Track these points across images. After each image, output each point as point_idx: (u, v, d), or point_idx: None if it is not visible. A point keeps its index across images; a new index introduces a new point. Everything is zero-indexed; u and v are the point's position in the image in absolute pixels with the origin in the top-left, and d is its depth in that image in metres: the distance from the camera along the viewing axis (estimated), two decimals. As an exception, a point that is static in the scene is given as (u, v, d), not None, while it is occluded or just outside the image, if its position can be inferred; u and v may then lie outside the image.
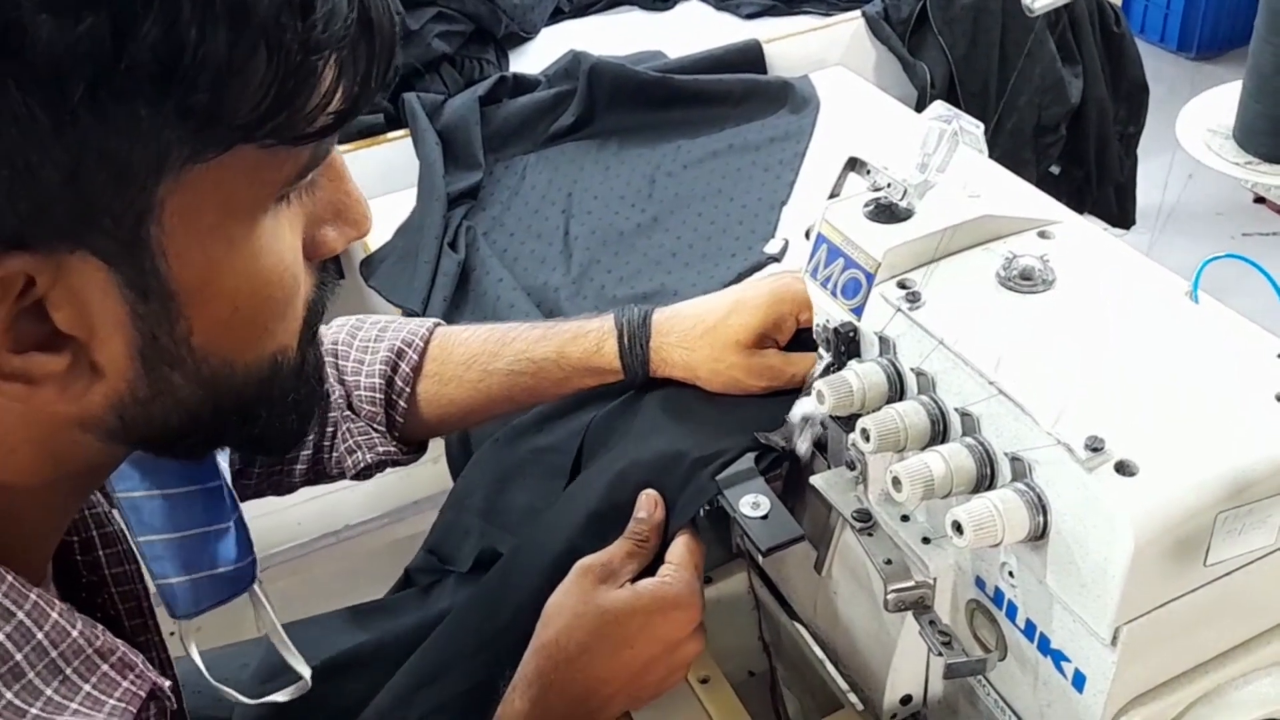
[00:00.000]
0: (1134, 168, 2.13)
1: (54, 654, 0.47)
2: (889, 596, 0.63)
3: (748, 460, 0.76)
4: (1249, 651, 0.59)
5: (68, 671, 0.47)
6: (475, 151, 1.50)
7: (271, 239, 0.46)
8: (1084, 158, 2.02)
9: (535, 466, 0.92)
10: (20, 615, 0.46)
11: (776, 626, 0.86)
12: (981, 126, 0.65)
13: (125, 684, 0.49)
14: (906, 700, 0.73)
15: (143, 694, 0.49)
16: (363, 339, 0.88)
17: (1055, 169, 2.02)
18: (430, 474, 1.41)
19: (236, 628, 0.85)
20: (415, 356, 0.87)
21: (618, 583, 0.72)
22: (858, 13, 1.84)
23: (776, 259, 1.24)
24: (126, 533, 0.64)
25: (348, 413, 0.86)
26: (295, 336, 0.51)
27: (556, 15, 1.97)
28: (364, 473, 0.88)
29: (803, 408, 0.75)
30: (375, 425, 0.87)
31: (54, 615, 0.47)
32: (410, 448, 0.90)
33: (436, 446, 1.41)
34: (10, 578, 0.46)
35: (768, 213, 1.37)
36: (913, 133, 0.66)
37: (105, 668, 0.49)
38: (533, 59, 1.82)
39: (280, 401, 0.52)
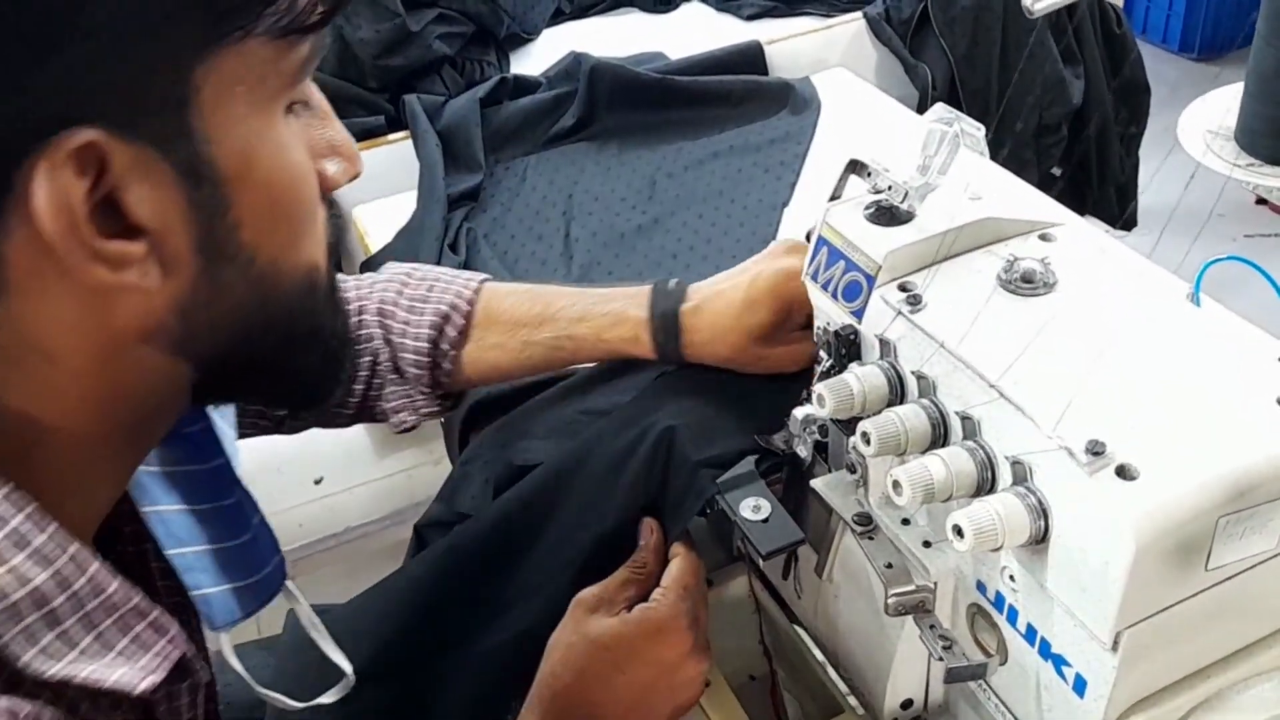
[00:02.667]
0: (1135, 168, 2.12)
1: (90, 606, 0.47)
2: (890, 600, 0.63)
3: (748, 463, 0.76)
4: (1250, 656, 0.59)
5: (103, 626, 0.47)
6: (476, 153, 1.50)
7: (291, 141, 0.50)
8: (1085, 158, 2.01)
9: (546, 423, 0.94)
10: (60, 563, 0.46)
11: (777, 630, 0.86)
12: (983, 129, 0.65)
13: (158, 646, 0.50)
14: (907, 704, 0.73)
15: (173, 659, 0.50)
16: (409, 297, 0.89)
17: (1056, 170, 2.02)
18: (432, 475, 1.41)
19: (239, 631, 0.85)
20: (461, 320, 0.89)
21: (612, 611, 0.73)
22: (859, 14, 1.84)
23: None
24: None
25: (393, 375, 0.89)
26: (324, 257, 0.54)
27: (557, 16, 1.97)
28: (406, 430, 0.91)
29: (803, 410, 0.74)
30: (420, 387, 0.89)
31: (92, 569, 0.47)
32: (450, 401, 0.93)
33: (438, 448, 1.41)
34: (53, 526, 0.46)
35: (768, 214, 1.36)
36: (914, 134, 0.66)
37: (140, 628, 0.49)
38: (533, 60, 1.82)
39: (318, 330, 0.55)
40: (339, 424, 0.92)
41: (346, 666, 0.72)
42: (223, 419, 0.65)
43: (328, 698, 0.71)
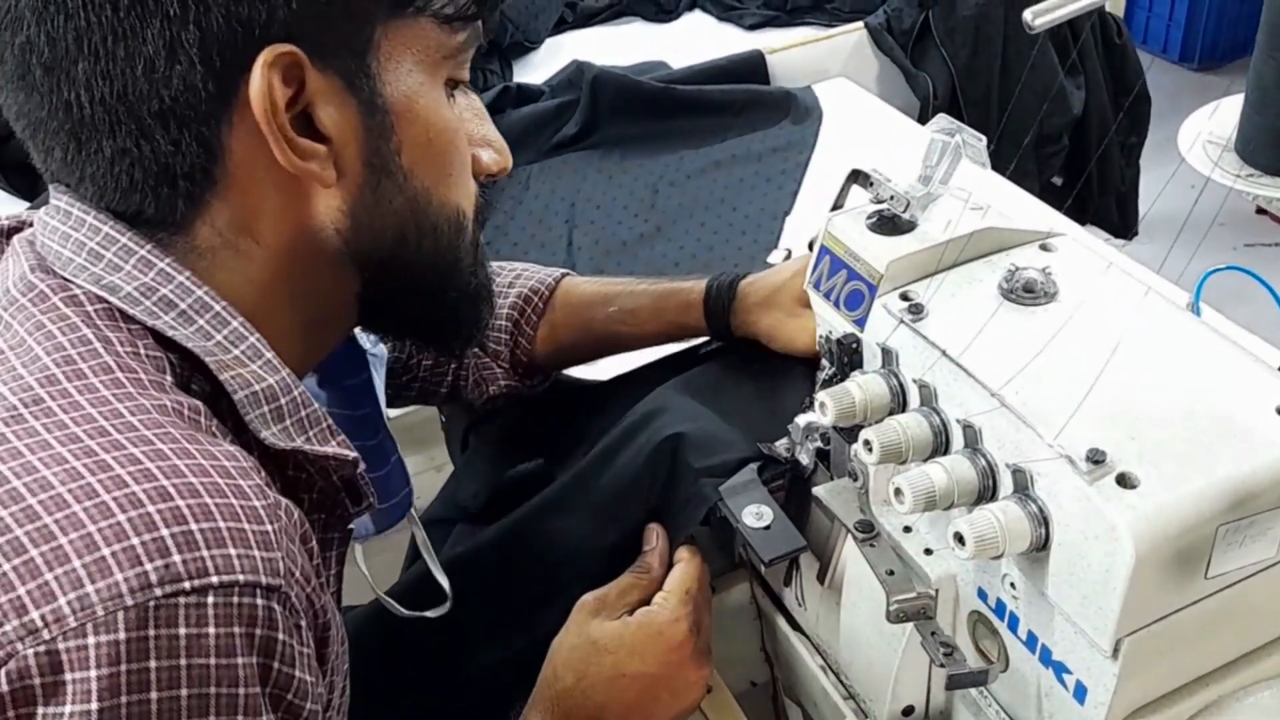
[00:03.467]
0: (1136, 178, 2.13)
1: (304, 413, 0.57)
2: (891, 607, 0.63)
3: (751, 471, 0.76)
4: (1250, 664, 0.60)
5: (311, 433, 0.57)
6: (479, 161, 1.50)
7: (449, 108, 0.60)
8: (1086, 168, 2.02)
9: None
10: (282, 374, 0.56)
11: (778, 636, 0.86)
12: (984, 139, 0.66)
13: (350, 452, 0.58)
14: (908, 711, 0.73)
15: (359, 465, 0.59)
16: (498, 283, 0.96)
17: (1057, 179, 2.02)
18: (435, 481, 1.41)
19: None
20: (541, 304, 0.96)
21: (614, 614, 0.73)
22: (860, 24, 1.84)
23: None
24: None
25: (475, 350, 0.96)
26: (472, 210, 0.63)
27: (560, 26, 1.98)
28: (488, 401, 0.98)
29: (805, 418, 0.75)
30: (499, 362, 0.96)
31: (300, 388, 0.57)
32: (530, 381, 0.99)
33: (440, 454, 1.41)
34: (272, 352, 0.56)
35: (770, 222, 1.37)
36: (915, 144, 0.66)
37: (334, 441, 0.58)
38: (536, 69, 1.82)
39: (461, 272, 0.64)
40: (435, 400, 1.00)
41: (446, 586, 0.79)
42: (377, 374, 0.77)
43: (432, 613, 0.78)
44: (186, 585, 0.44)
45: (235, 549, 0.45)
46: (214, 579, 0.44)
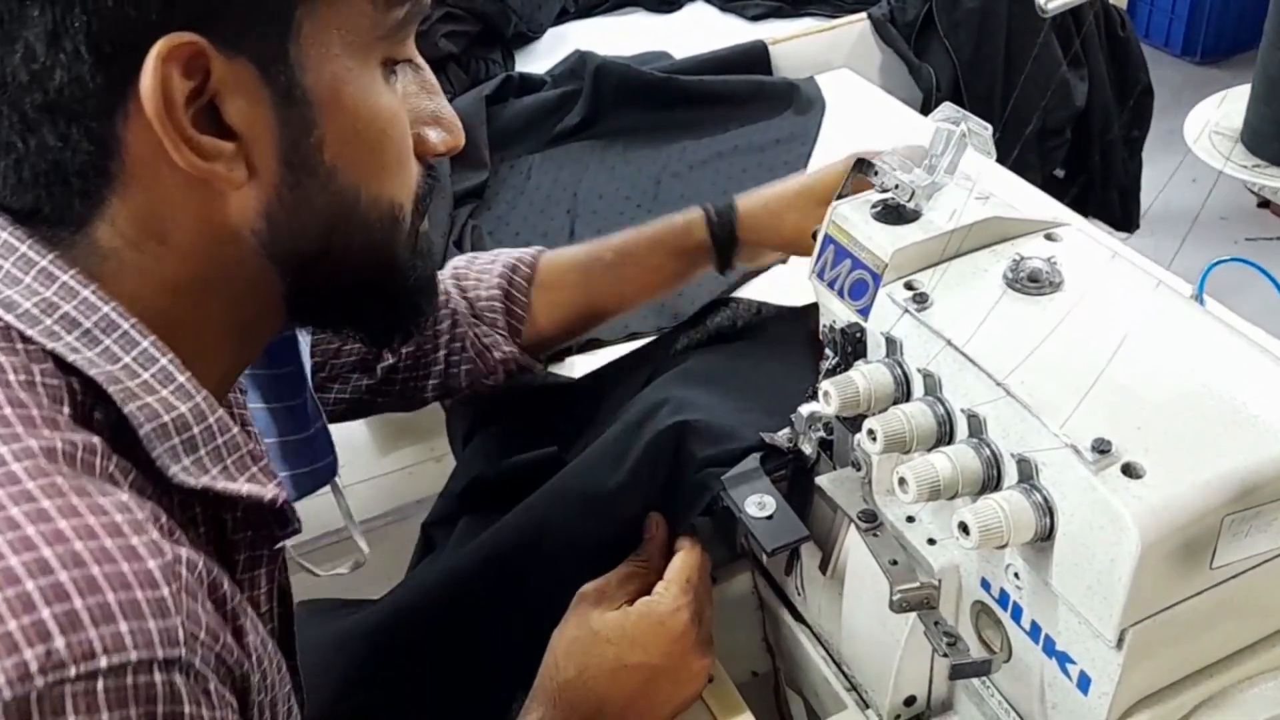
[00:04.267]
0: (1138, 171, 2.13)
1: (220, 440, 0.52)
2: (894, 597, 0.63)
3: (753, 460, 0.76)
4: (1255, 654, 0.60)
5: (228, 461, 0.52)
6: (481, 151, 1.50)
7: (385, 92, 0.55)
8: (1089, 161, 2.02)
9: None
10: (197, 399, 0.51)
11: (780, 626, 0.86)
12: (990, 128, 0.65)
13: (271, 484, 0.54)
14: (910, 701, 0.73)
15: (280, 500, 0.54)
16: (479, 264, 0.97)
17: (1060, 172, 2.02)
18: (435, 471, 1.42)
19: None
20: (528, 269, 0.95)
21: (614, 604, 0.73)
22: (863, 15, 1.84)
23: (782, 260, 1.24)
24: None
25: (473, 319, 0.95)
26: (410, 202, 0.58)
27: (562, 16, 1.97)
28: (493, 375, 0.95)
29: (809, 408, 0.75)
30: (499, 330, 0.95)
31: (219, 413, 0.52)
32: (534, 356, 0.98)
33: (440, 444, 1.41)
34: (188, 373, 0.52)
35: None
36: (918, 135, 0.66)
37: (255, 469, 0.54)
38: (538, 59, 1.82)
39: (398, 266, 0.59)
40: (419, 401, 0.97)
41: (365, 546, 0.80)
42: (302, 334, 0.74)
43: (342, 569, 0.79)
44: (71, 671, 0.39)
45: (127, 623, 0.41)
46: (102, 661, 0.40)
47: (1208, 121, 1.58)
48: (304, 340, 0.75)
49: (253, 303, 0.57)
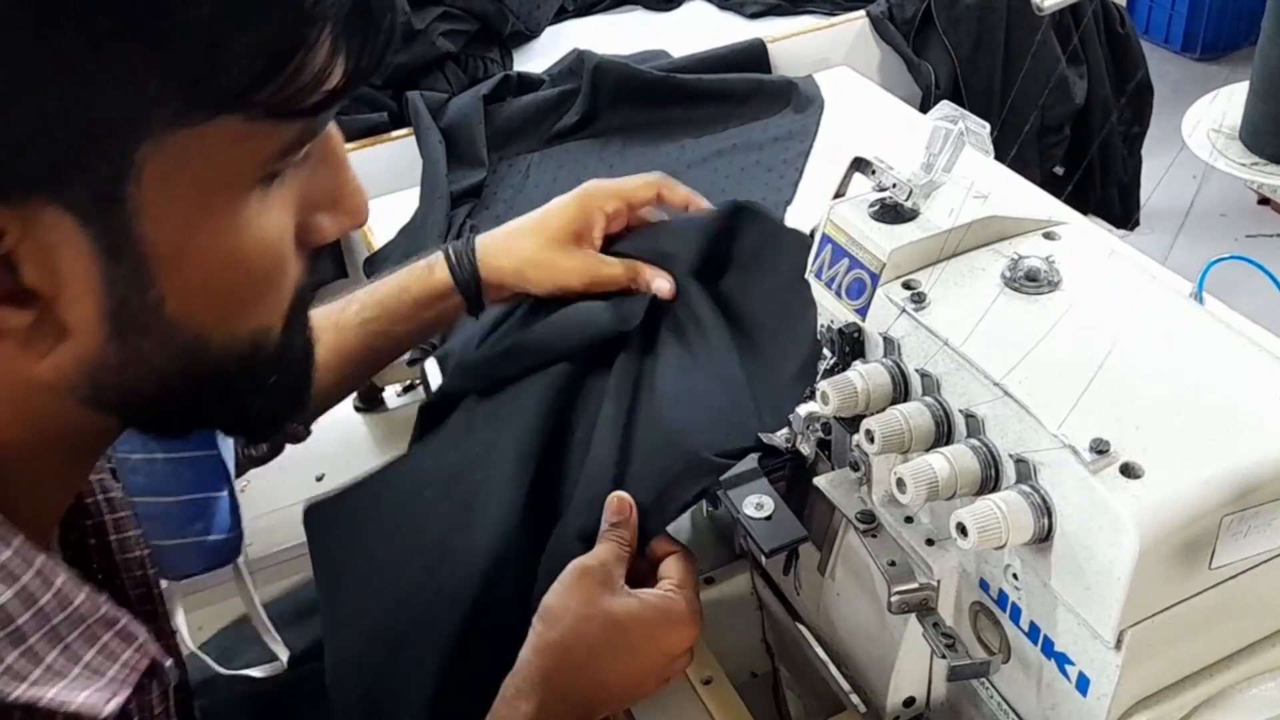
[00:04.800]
0: (1138, 168, 2.12)
1: (56, 620, 0.46)
2: (893, 598, 0.63)
3: (751, 460, 0.75)
4: (1254, 655, 0.59)
5: (69, 639, 0.46)
6: (479, 150, 1.50)
7: (257, 216, 0.45)
8: (1087, 158, 2.01)
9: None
10: (25, 579, 0.45)
11: (779, 627, 0.86)
12: (988, 127, 0.65)
13: (126, 655, 0.49)
14: (909, 702, 0.73)
15: (142, 668, 0.49)
16: None
17: (1059, 169, 2.02)
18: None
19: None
20: None
21: (616, 587, 0.71)
22: (862, 12, 1.83)
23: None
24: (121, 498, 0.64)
25: None
26: (280, 319, 0.50)
27: (560, 14, 1.97)
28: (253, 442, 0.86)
29: (807, 408, 0.74)
30: None
31: (58, 582, 0.47)
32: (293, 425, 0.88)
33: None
34: (17, 541, 0.46)
35: (772, 211, 1.36)
36: (917, 132, 0.66)
37: (107, 638, 0.48)
38: (537, 58, 1.82)
39: (260, 383, 0.51)
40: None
41: (282, 653, 0.73)
42: None
43: (256, 672, 0.72)
44: None
45: None
46: None
47: (1199, 120, 1.58)
48: None
49: (89, 437, 0.52)
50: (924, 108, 1.73)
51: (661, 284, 0.85)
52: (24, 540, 0.46)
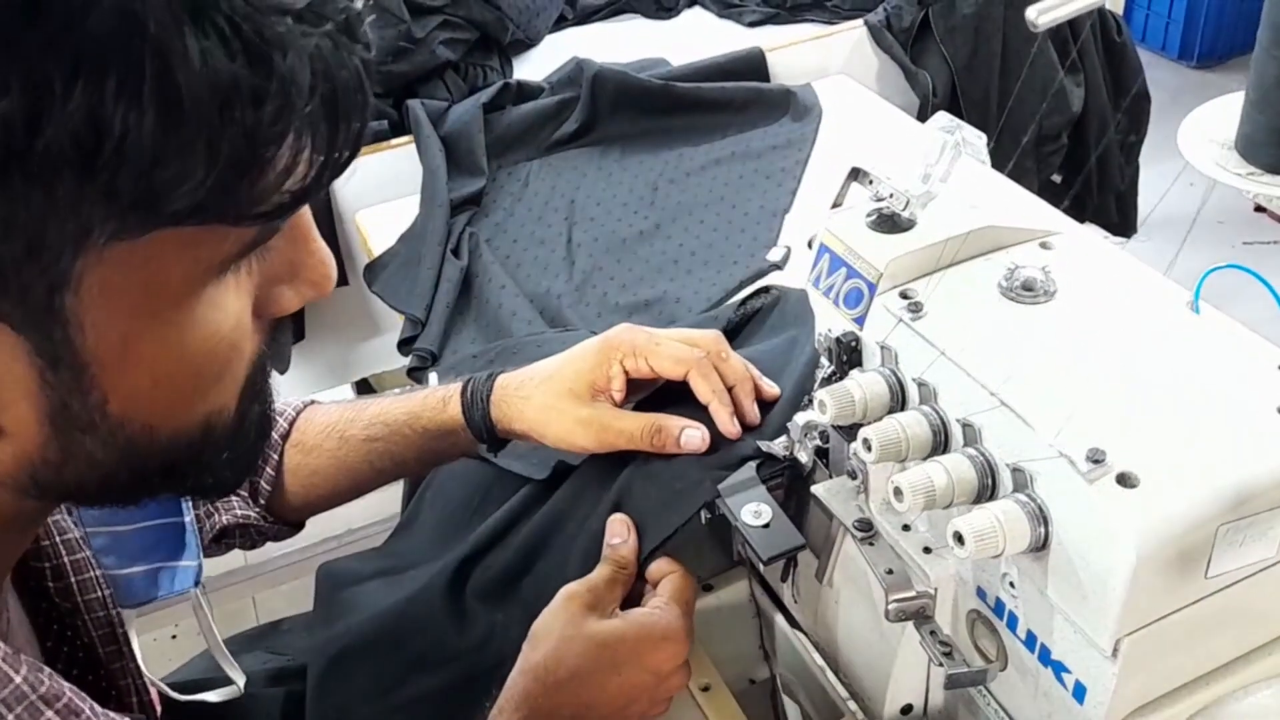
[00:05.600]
0: (1135, 176, 2.13)
1: (4, 693, 0.45)
2: (890, 606, 0.63)
3: (750, 469, 0.76)
4: (1250, 663, 0.60)
5: (16, 714, 0.45)
6: (478, 158, 1.50)
7: (208, 310, 0.44)
8: (1085, 166, 2.02)
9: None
10: None
11: (777, 634, 0.86)
12: (984, 137, 0.65)
13: None
14: (907, 710, 0.73)
15: None
16: None
17: (1057, 177, 2.02)
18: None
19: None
20: (285, 425, 0.85)
21: (605, 610, 0.72)
22: (860, 21, 1.84)
23: (779, 266, 1.23)
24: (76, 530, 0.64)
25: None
26: (234, 397, 0.49)
27: (560, 23, 1.98)
28: (219, 538, 0.83)
29: (804, 416, 0.75)
30: (238, 491, 0.84)
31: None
32: (280, 521, 0.88)
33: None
34: None
35: (770, 220, 1.37)
36: (915, 141, 0.66)
37: (49, 714, 0.46)
38: (536, 66, 1.82)
39: (213, 458, 0.50)
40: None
41: (239, 678, 0.72)
42: None
43: (212, 697, 0.71)
44: None
45: None
46: None
47: (1196, 129, 1.58)
48: None
49: (34, 510, 0.51)
50: (922, 116, 1.74)
51: (692, 436, 0.77)
52: None
